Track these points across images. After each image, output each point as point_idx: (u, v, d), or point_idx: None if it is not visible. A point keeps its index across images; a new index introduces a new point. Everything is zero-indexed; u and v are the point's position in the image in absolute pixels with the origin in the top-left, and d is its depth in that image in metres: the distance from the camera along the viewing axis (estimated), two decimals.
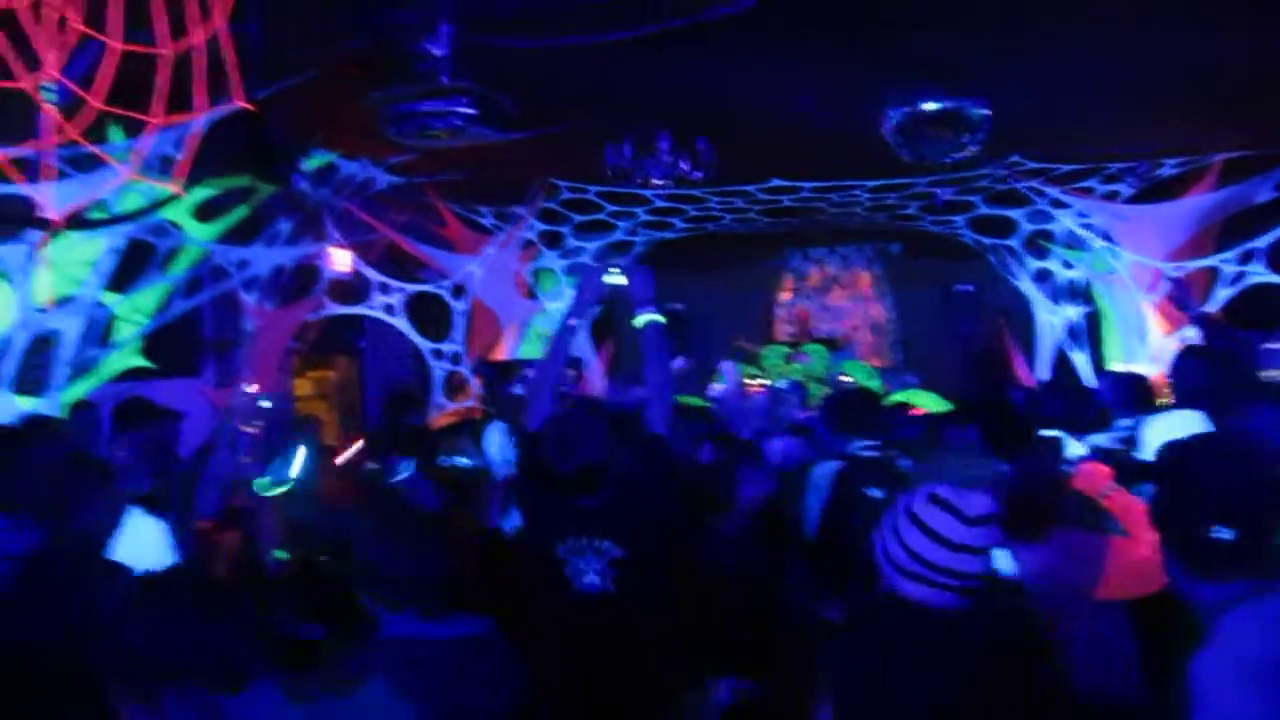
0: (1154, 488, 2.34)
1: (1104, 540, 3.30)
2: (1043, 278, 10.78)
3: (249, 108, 3.38)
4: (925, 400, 7.53)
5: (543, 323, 11.07)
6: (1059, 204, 9.55)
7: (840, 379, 12.00)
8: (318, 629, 3.52)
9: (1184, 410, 4.43)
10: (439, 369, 10.12)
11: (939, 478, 2.75)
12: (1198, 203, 8.45)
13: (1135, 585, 3.17)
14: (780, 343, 14.12)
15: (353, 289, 9.30)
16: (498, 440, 6.32)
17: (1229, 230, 8.43)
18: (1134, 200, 8.97)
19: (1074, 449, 3.58)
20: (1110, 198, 9.04)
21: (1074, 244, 10.12)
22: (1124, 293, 9.46)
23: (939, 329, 13.98)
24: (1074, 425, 4.48)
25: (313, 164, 7.35)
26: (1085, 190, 9.02)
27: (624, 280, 3.93)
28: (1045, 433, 3.98)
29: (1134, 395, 5.38)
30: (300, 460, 4.84)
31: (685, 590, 3.55)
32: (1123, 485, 3.45)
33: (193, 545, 4.35)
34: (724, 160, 7.53)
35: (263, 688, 2.10)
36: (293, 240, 8.11)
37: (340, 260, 8.76)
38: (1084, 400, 5.15)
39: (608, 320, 11.41)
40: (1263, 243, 8.09)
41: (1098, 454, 4.02)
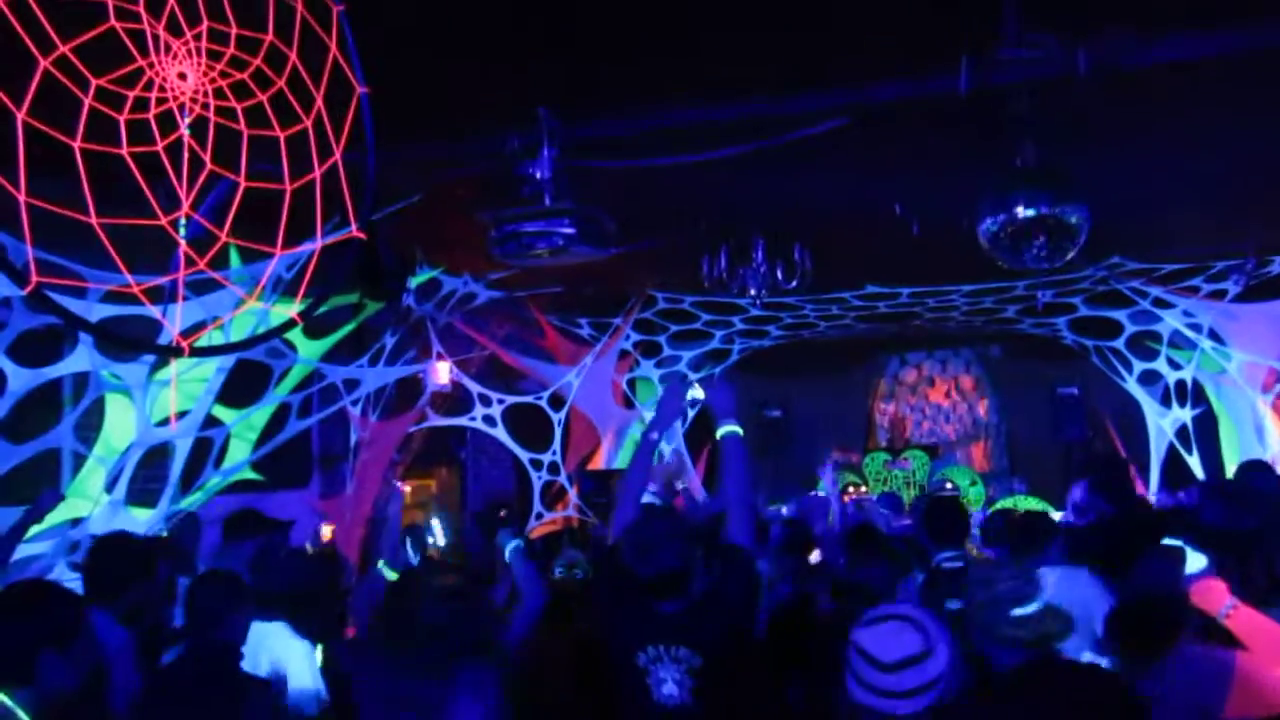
0: None
1: (1229, 657, 3.16)
2: (1150, 379, 10.52)
3: (362, 236, 3.53)
4: (1031, 507, 7.36)
5: (639, 432, 11.11)
6: (1162, 303, 9.37)
7: (944, 486, 11.78)
8: None
9: None
10: (538, 478, 10.23)
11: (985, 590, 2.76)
12: None
13: (1264, 707, 3.02)
14: (880, 449, 13.93)
15: (454, 400, 9.50)
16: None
17: None
18: (1242, 298, 8.77)
19: (1195, 562, 3.42)
20: (1217, 296, 8.85)
21: (1181, 344, 9.88)
22: (1237, 393, 9.19)
23: (1044, 432, 13.62)
24: (1231, 535, 4.21)
25: (417, 280, 7.60)
26: (1190, 289, 8.85)
27: (703, 394, 3.97)
28: (1168, 541, 3.80)
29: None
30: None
31: (765, 706, 3.48)
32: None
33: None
34: (819, 268, 7.55)
35: None
36: (397, 354, 8.34)
37: (442, 373, 8.98)
38: (1247, 505, 4.70)
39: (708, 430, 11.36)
40: None
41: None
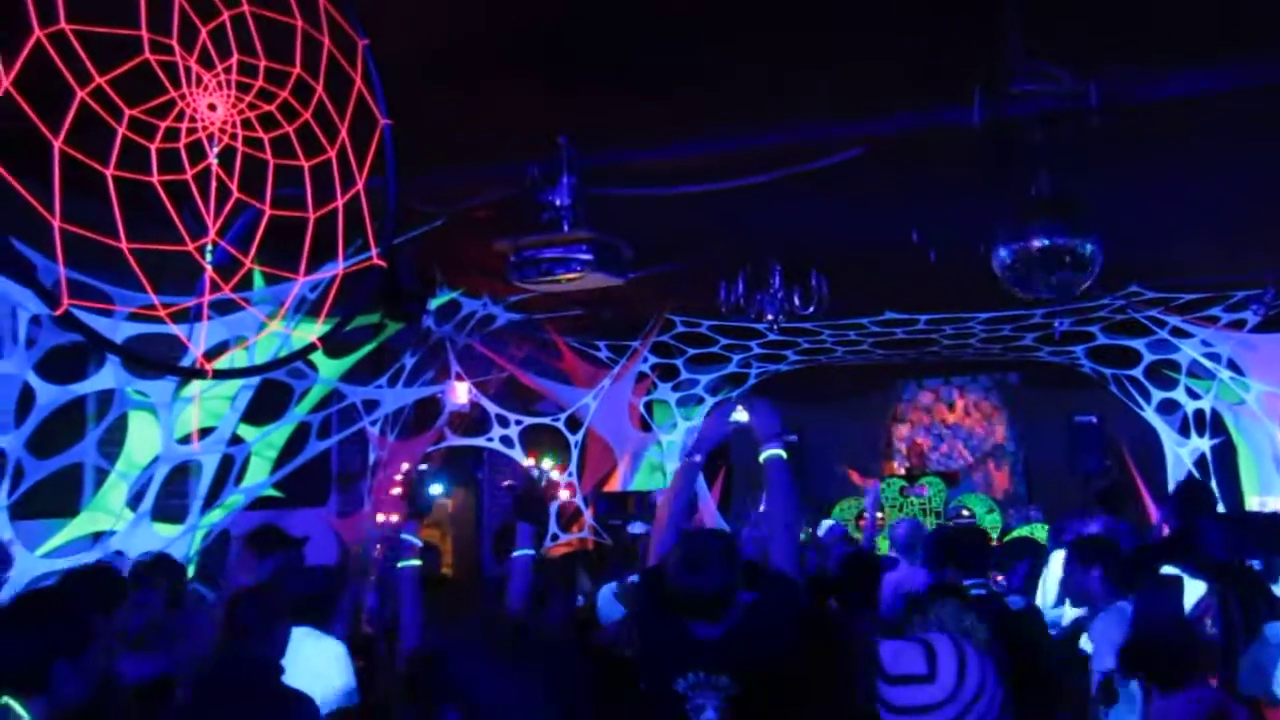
0: None
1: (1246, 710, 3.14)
2: (1168, 408, 10.48)
3: (383, 265, 3.59)
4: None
5: (656, 454, 11.14)
6: (1181, 333, 9.34)
7: (960, 513, 11.74)
8: None
9: None
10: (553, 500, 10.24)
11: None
12: None
13: None
14: (896, 476, 13.87)
15: (472, 421, 9.55)
16: (606, 597, 6.27)
17: None
18: (1261, 328, 8.75)
19: (1193, 590, 3.40)
20: (1236, 326, 8.83)
21: (1199, 373, 9.85)
22: (1255, 423, 9.15)
23: (1061, 460, 13.52)
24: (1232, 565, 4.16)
25: (437, 302, 7.67)
26: (1209, 319, 8.83)
27: (746, 417, 3.96)
28: (1166, 570, 3.79)
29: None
30: None
31: None
32: None
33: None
34: (836, 293, 7.58)
35: None
36: (416, 375, 8.41)
37: (460, 394, 9.04)
38: (1249, 534, 4.67)
39: (721, 455, 11.39)
40: None
41: None
